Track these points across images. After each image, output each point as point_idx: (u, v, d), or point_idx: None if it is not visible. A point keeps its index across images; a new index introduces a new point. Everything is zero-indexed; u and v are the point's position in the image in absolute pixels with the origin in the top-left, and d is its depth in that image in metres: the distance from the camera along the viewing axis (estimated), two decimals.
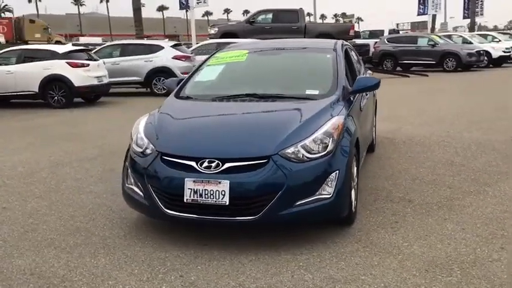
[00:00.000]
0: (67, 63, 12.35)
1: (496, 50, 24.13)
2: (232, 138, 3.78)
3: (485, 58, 22.60)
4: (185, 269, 3.36)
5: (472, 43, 23.62)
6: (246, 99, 4.48)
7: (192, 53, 16.38)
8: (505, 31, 33.53)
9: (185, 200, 3.52)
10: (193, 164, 3.57)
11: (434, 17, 37.68)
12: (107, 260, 3.54)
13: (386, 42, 23.46)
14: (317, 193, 3.56)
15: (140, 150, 3.91)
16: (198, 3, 22.78)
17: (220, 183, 3.45)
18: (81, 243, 3.86)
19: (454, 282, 3.09)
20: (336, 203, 3.61)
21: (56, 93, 12.37)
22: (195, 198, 3.50)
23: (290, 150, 3.56)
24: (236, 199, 3.46)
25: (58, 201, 4.91)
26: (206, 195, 3.47)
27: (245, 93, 4.53)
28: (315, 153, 3.59)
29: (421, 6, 36.35)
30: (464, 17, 42.52)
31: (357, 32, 27.21)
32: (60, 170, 6.15)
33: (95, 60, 13.24)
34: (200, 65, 5.20)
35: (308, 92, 4.48)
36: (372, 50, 23.95)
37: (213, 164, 3.52)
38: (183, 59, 15.41)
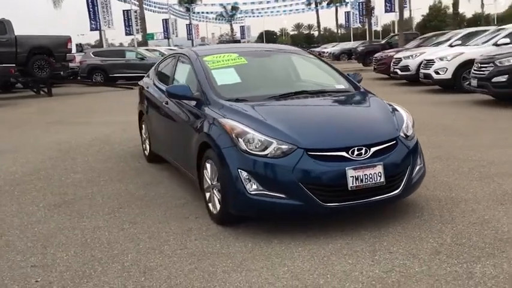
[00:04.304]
0: None
1: None
2: (361, 128, 4.16)
3: None
4: (368, 252, 3.58)
5: None
6: (308, 96, 4.74)
7: None
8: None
9: (349, 188, 3.71)
10: (344, 154, 3.79)
11: (104, 32, 38.67)
12: (310, 262, 3.42)
13: (93, 56, 23.18)
14: (417, 164, 4.30)
15: (265, 152, 3.79)
16: None
17: (376, 166, 3.83)
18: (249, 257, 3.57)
19: None
20: (425, 170, 4.46)
21: None
22: (358, 184, 3.76)
23: (400, 132, 4.17)
24: (389, 177, 3.92)
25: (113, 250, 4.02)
26: (366, 179, 3.80)
27: (294, 91, 4.74)
28: (409, 134, 4.29)
29: (93, 22, 36.84)
30: (126, 34, 45.14)
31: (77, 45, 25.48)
32: None
33: None
34: (205, 69, 4.85)
35: (337, 86, 5.04)
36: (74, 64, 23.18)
37: (363, 151, 3.83)
38: None
